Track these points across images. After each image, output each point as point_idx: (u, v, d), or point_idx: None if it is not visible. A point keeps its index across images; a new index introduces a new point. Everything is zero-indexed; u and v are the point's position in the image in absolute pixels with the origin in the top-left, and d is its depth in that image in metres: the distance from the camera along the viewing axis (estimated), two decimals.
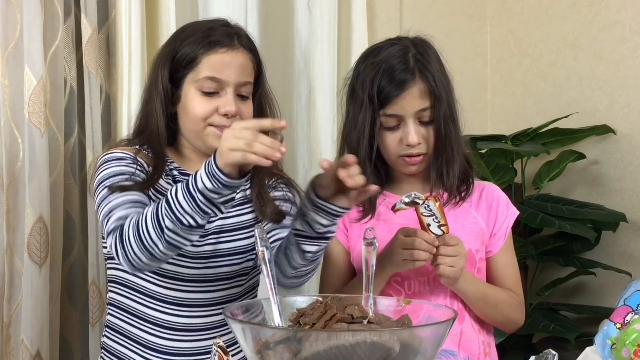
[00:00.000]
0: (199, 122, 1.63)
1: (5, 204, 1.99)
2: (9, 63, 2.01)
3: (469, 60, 2.99)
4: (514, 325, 1.77)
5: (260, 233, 1.37)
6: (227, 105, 1.62)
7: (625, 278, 2.52)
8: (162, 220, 1.40)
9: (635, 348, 1.52)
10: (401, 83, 1.63)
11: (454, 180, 1.69)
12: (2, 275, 1.99)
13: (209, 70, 1.62)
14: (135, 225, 1.43)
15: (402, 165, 1.70)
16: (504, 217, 1.74)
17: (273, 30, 2.53)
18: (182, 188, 1.39)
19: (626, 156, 2.66)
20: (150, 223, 1.41)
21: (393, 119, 1.66)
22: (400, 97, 1.64)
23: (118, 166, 1.60)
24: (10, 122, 2.01)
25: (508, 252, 1.75)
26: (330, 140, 2.54)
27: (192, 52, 1.63)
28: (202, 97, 1.63)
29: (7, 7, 1.99)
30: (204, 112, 1.62)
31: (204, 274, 1.66)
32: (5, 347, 2.00)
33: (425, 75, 1.65)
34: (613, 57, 2.68)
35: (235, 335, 1.21)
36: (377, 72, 1.66)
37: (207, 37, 1.63)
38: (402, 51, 1.67)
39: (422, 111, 1.65)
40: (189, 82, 1.64)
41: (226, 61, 1.63)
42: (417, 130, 1.65)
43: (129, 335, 1.69)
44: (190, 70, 1.63)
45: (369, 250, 1.39)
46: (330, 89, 2.56)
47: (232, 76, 1.63)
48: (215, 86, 1.62)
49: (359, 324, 1.20)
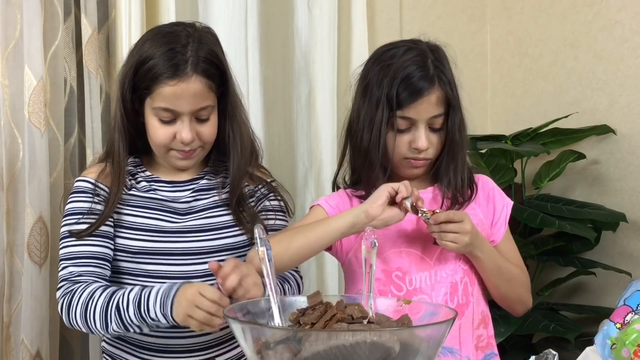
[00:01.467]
0: (160, 147, 1.68)
1: (5, 204, 1.99)
2: (9, 63, 2.01)
3: (469, 60, 2.99)
4: (524, 307, 1.78)
5: (260, 233, 1.37)
6: (182, 133, 1.65)
7: (625, 278, 2.52)
8: (109, 322, 1.57)
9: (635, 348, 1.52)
10: (420, 90, 1.65)
11: (463, 187, 1.72)
12: (2, 275, 1.99)
13: (161, 101, 1.63)
14: (84, 311, 1.59)
15: (405, 167, 1.71)
16: (502, 206, 1.77)
17: (273, 30, 2.53)
18: (134, 305, 1.55)
19: (626, 156, 2.65)
20: (98, 318, 1.57)
21: (405, 122, 1.67)
22: (417, 102, 1.65)
23: (78, 201, 1.71)
24: (10, 122, 2.01)
25: (510, 239, 1.79)
26: (330, 140, 2.54)
27: (147, 79, 1.63)
28: (159, 123, 1.66)
29: (7, 7, 1.99)
30: (164, 140, 1.67)
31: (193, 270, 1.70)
32: (5, 347, 2.00)
33: (443, 82, 1.67)
34: (613, 57, 2.68)
35: (235, 335, 1.21)
36: (395, 75, 1.66)
37: (153, 68, 1.62)
38: (420, 57, 1.68)
39: (435, 117, 1.67)
40: (147, 106, 1.67)
41: (177, 93, 1.62)
42: (427, 135, 1.67)
43: (125, 338, 1.73)
44: (148, 95, 1.65)
45: (369, 250, 1.39)
46: (330, 89, 2.56)
47: (185, 107, 1.64)
48: (170, 115, 1.64)
49: (359, 324, 1.20)
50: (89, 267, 1.65)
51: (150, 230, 1.70)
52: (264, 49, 2.49)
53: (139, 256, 1.69)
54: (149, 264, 1.69)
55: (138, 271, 1.69)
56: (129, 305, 1.56)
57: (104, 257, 1.68)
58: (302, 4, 2.56)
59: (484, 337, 1.73)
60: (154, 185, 1.74)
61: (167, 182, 1.75)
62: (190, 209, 1.74)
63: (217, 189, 1.77)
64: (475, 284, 1.72)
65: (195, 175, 1.77)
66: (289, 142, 2.55)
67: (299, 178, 2.56)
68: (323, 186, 2.51)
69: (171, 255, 1.69)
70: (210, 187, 1.77)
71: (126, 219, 1.71)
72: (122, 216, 1.71)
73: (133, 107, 1.68)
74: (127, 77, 1.66)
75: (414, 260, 1.69)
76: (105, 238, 1.68)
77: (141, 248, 1.69)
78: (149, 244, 1.69)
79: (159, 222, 1.71)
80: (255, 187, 1.79)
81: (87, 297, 1.59)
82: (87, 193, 1.71)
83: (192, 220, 1.72)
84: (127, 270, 1.70)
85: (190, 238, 1.71)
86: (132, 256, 1.69)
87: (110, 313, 1.56)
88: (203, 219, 1.73)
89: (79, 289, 1.61)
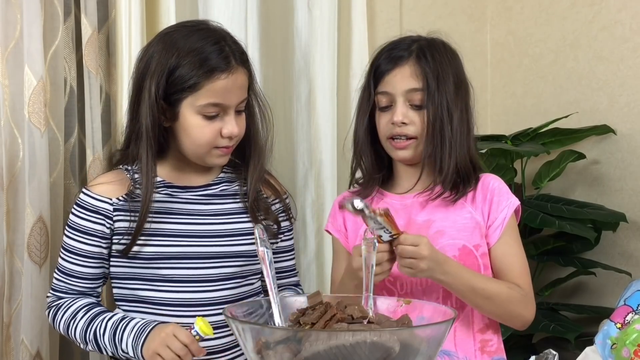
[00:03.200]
0: (203, 147, 1.66)
1: (5, 204, 1.99)
2: (9, 63, 2.01)
3: (469, 60, 2.96)
4: (520, 321, 1.69)
5: (260, 233, 1.37)
6: (230, 127, 1.64)
7: (625, 278, 2.51)
8: (87, 343, 1.67)
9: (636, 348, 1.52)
10: (395, 59, 1.68)
11: (447, 174, 1.67)
12: (2, 275, 1.99)
13: (211, 96, 1.62)
14: (65, 328, 1.70)
15: (390, 149, 1.71)
16: (501, 208, 1.70)
17: (273, 30, 2.53)
18: (110, 333, 1.63)
19: (626, 156, 2.65)
20: (79, 337, 1.68)
21: (385, 98, 1.69)
22: (391, 73, 1.67)
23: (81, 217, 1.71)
24: (10, 122, 2.01)
25: (508, 243, 1.70)
26: (330, 140, 2.54)
27: (192, 78, 1.61)
28: (204, 121, 1.64)
29: (7, 7, 1.99)
30: (210, 138, 1.65)
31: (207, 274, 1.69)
32: (5, 347, 2.00)
33: (423, 58, 1.67)
34: (613, 57, 2.68)
35: (235, 335, 1.21)
36: (380, 53, 1.71)
37: (205, 62, 1.61)
38: (411, 39, 1.72)
39: (412, 92, 1.67)
40: (187, 105, 1.63)
41: (228, 86, 1.63)
42: (404, 110, 1.67)
43: None
44: (190, 94, 1.62)
45: (369, 250, 1.39)
46: (330, 89, 2.55)
47: (233, 99, 1.65)
48: (218, 110, 1.64)
49: (359, 324, 1.20)
50: (79, 286, 1.73)
51: (164, 235, 1.68)
52: (264, 49, 2.49)
53: (153, 262, 1.68)
54: (163, 268, 1.67)
55: (153, 276, 1.68)
56: (105, 331, 1.64)
57: (96, 277, 1.74)
58: (302, 4, 2.56)
59: (493, 342, 1.71)
60: (167, 191, 1.71)
61: (180, 187, 1.73)
62: (205, 212, 1.72)
63: (235, 195, 1.76)
64: None
65: (210, 181, 1.76)
66: (289, 142, 2.55)
67: (299, 178, 2.56)
68: (323, 186, 2.51)
69: (186, 260, 1.68)
70: (226, 194, 1.76)
71: (123, 226, 1.69)
72: (116, 223, 1.69)
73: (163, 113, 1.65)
74: (157, 82, 1.61)
75: None
76: (99, 259, 1.72)
77: (155, 253, 1.68)
78: (163, 248, 1.68)
79: (173, 227, 1.69)
80: (272, 201, 1.80)
81: (69, 317, 1.69)
82: (87, 210, 1.70)
83: (207, 225, 1.71)
84: (141, 276, 1.69)
85: (205, 243, 1.70)
86: (147, 262, 1.68)
87: (88, 336, 1.66)
88: (218, 225, 1.71)
89: (64, 305, 1.71)
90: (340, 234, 1.78)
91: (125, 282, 1.72)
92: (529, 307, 1.69)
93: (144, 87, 1.63)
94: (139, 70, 1.67)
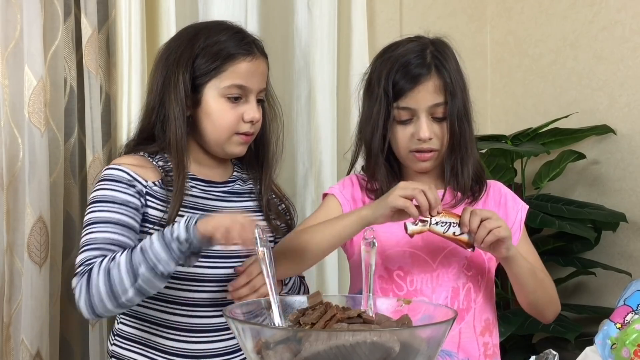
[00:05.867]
0: (225, 131, 1.68)
1: (5, 204, 1.99)
2: (9, 63, 2.01)
3: (469, 60, 2.96)
4: (556, 309, 1.72)
5: (260, 233, 1.37)
6: (252, 112, 1.68)
7: (625, 278, 2.52)
8: (137, 268, 1.47)
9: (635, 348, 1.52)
10: (416, 77, 1.65)
11: (467, 179, 1.69)
12: (2, 275, 1.99)
13: (235, 78, 1.66)
14: (106, 271, 1.49)
15: (412, 161, 1.70)
16: (515, 212, 1.74)
17: (273, 30, 2.53)
18: (158, 236, 1.48)
19: (626, 156, 2.65)
20: (125, 270, 1.48)
21: (406, 113, 1.67)
22: (414, 90, 1.65)
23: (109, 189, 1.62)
24: (10, 122, 2.01)
25: (527, 244, 1.74)
26: (330, 140, 2.54)
27: (216, 61, 1.65)
28: (227, 103, 1.66)
29: (7, 7, 1.99)
30: (232, 121, 1.67)
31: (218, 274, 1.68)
32: (5, 347, 2.00)
33: (441, 71, 1.66)
34: (613, 57, 2.68)
35: (235, 335, 1.21)
36: (393, 65, 1.67)
37: (229, 47, 1.66)
38: (420, 47, 1.69)
39: (436, 107, 1.66)
40: (211, 88, 1.66)
41: (251, 70, 1.68)
42: (429, 125, 1.66)
43: (143, 342, 1.69)
44: (214, 77, 1.66)
45: (369, 250, 1.39)
46: (330, 89, 2.56)
47: (255, 84, 1.69)
48: (240, 93, 1.67)
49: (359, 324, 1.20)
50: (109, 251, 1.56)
51: None
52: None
53: None
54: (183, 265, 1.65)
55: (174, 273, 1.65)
56: (152, 240, 1.49)
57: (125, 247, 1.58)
58: (302, 4, 2.56)
59: (490, 345, 1.72)
60: (190, 183, 1.69)
61: (204, 181, 1.72)
62: (227, 210, 1.71)
63: (250, 194, 1.77)
64: (481, 292, 1.70)
65: (228, 177, 1.77)
66: (289, 142, 2.55)
67: (299, 178, 2.56)
68: (323, 186, 2.51)
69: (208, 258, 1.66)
70: (243, 192, 1.77)
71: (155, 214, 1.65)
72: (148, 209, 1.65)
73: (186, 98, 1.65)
74: (183, 70, 1.64)
75: (417, 262, 1.68)
76: (129, 229, 1.61)
77: None
78: None
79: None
80: (280, 201, 1.82)
81: (107, 264, 1.51)
82: (121, 183, 1.63)
83: None
84: None
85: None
86: None
87: (135, 259, 1.48)
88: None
89: (97, 263, 1.52)
90: (345, 201, 1.75)
91: None
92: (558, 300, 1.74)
93: (172, 75, 1.66)
94: (165, 60, 1.69)
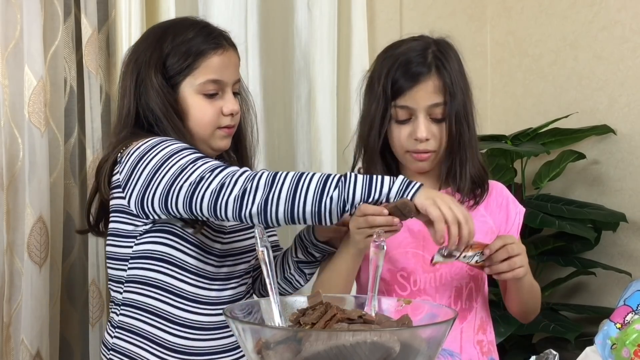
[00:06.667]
0: (207, 127, 1.67)
1: (5, 204, 1.99)
2: (9, 63, 2.01)
3: (469, 60, 2.96)
4: (536, 314, 1.76)
5: (260, 233, 1.37)
6: (230, 105, 1.67)
7: (625, 278, 2.52)
8: (329, 188, 1.43)
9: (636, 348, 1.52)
10: (416, 75, 1.63)
11: (466, 181, 1.68)
12: (2, 275, 1.99)
13: (209, 73, 1.65)
14: (296, 178, 1.44)
15: (409, 161, 1.69)
16: (514, 214, 1.75)
17: (273, 30, 2.53)
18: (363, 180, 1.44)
19: (626, 156, 2.66)
20: (315, 185, 1.43)
21: (405, 112, 1.65)
22: (413, 89, 1.63)
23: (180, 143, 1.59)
24: (10, 122, 2.01)
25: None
26: (330, 140, 2.54)
27: (187, 59, 1.64)
28: (205, 100, 1.66)
29: (7, 7, 1.99)
30: (212, 116, 1.66)
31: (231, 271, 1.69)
32: (5, 347, 2.00)
33: (442, 71, 1.65)
34: (613, 57, 2.68)
35: (235, 335, 1.21)
36: (394, 63, 1.66)
37: (198, 43, 1.65)
38: (422, 46, 1.68)
39: (435, 107, 1.64)
40: (186, 87, 1.65)
41: (224, 62, 1.67)
42: (427, 125, 1.64)
43: (147, 336, 1.66)
44: (187, 75, 1.65)
45: (377, 252, 1.39)
46: (330, 89, 2.56)
47: (229, 76, 1.68)
48: (216, 88, 1.66)
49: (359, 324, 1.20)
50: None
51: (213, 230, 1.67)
52: (263, 48, 2.50)
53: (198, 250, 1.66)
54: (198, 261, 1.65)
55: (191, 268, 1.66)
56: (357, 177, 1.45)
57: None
58: (302, 4, 2.56)
59: (484, 342, 1.72)
60: None
61: None
62: None
63: None
64: (481, 291, 1.70)
65: None
66: (289, 142, 2.55)
67: None
68: None
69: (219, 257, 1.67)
70: None
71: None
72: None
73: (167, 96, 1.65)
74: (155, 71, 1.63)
75: (420, 262, 1.67)
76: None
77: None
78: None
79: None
80: None
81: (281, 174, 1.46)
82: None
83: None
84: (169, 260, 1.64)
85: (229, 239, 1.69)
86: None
87: (332, 180, 1.44)
88: None
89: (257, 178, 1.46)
90: None
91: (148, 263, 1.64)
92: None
93: (146, 77, 1.65)
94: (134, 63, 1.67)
